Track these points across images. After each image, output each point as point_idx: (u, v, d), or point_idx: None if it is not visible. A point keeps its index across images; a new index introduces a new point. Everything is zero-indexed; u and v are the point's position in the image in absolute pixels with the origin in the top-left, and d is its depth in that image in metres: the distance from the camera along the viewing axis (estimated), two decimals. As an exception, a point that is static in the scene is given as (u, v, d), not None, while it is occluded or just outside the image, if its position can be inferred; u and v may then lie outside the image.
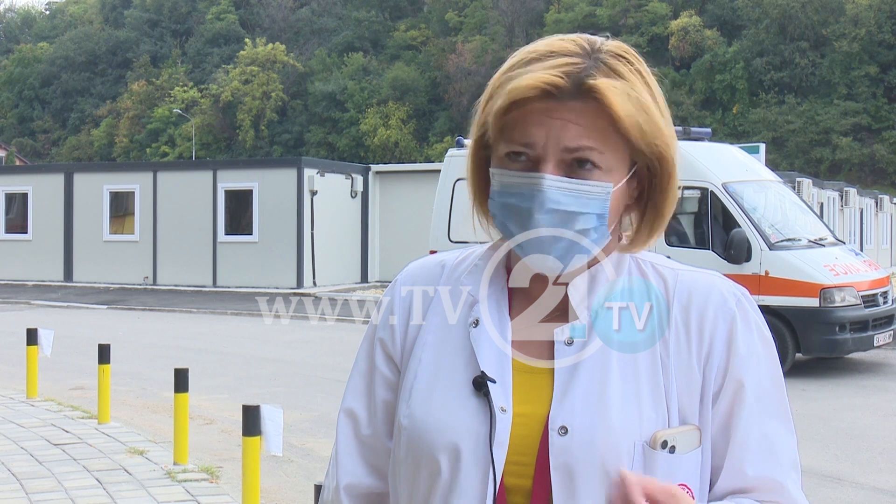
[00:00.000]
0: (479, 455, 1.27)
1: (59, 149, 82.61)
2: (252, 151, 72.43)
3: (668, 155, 1.30)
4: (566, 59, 1.26)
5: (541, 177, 1.25)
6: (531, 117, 1.25)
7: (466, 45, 69.60)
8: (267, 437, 5.14)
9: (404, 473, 1.34)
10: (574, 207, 1.26)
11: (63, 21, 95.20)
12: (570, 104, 1.24)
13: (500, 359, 1.31)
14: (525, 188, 1.26)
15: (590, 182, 1.26)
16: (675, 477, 1.25)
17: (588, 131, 1.24)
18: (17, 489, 6.18)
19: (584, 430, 1.24)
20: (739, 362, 1.30)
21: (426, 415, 1.31)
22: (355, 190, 25.34)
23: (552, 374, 1.29)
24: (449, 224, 12.59)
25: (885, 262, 31.58)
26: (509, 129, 1.28)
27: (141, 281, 24.86)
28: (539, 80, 1.24)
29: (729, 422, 1.29)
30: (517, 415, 1.28)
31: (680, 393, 1.28)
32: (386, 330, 1.43)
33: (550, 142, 1.25)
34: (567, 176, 1.25)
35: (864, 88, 60.39)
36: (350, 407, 1.45)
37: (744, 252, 10.81)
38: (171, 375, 7.07)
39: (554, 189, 1.25)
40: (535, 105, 1.25)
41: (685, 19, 65.48)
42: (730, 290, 1.34)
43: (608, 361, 1.28)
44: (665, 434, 1.25)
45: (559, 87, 1.24)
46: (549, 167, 1.25)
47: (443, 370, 1.33)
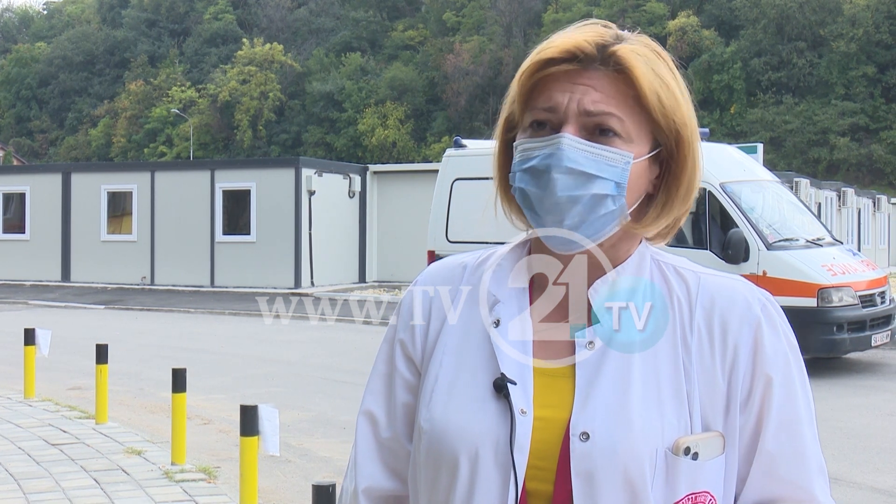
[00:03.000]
0: (499, 459, 1.25)
1: (57, 149, 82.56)
2: (250, 151, 72.40)
3: (686, 136, 1.30)
4: (593, 29, 1.29)
5: (560, 136, 1.26)
6: (555, 84, 1.28)
7: (464, 46, 69.54)
8: (264, 437, 5.14)
9: (424, 477, 1.33)
10: (592, 170, 1.25)
11: (61, 21, 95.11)
12: (594, 72, 1.27)
13: (520, 360, 1.30)
14: (545, 149, 1.27)
15: (610, 148, 1.26)
16: (697, 484, 1.24)
17: (610, 99, 1.26)
18: (14, 489, 6.18)
19: (606, 437, 1.22)
20: (768, 366, 1.29)
21: (446, 418, 1.29)
22: (353, 190, 25.34)
23: (572, 377, 1.28)
24: (447, 224, 12.59)
25: (882, 262, 31.61)
26: (534, 97, 1.30)
27: (139, 281, 24.85)
28: (566, 42, 1.27)
29: (758, 427, 1.28)
30: (538, 418, 1.26)
31: (703, 399, 1.27)
32: (406, 332, 1.41)
33: (572, 104, 1.26)
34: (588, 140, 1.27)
35: (862, 89, 60.43)
36: (369, 409, 1.43)
37: (741, 252, 10.81)
38: (168, 375, 7.07)
39: (572, 148, 1.25)
40: (559, 71, 1.27)
41: (683, 19, 65.52)
42: (754, 296, 1.33)
43: (630, 366, 1.27)
44: (688, 440, 1.23)
45: (585, 51, 1.26)
46: (570, 129, 1.26)
47: (463, 372, 1.32)
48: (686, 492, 1.24)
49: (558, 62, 1.27)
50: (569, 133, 1.25)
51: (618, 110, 1.26)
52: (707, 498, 1.25)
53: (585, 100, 1.26)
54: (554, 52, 1.27)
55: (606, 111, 1.26)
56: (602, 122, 1.26)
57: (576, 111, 1.26)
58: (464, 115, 66.22)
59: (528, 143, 1.29)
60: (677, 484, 1.23)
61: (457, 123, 65.33)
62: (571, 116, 1.26)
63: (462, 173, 12.27)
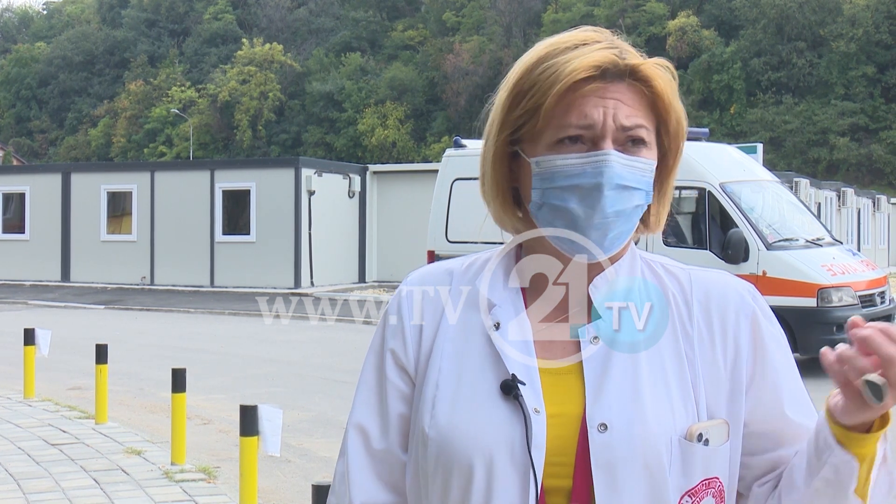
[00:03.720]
0: (516, 459, 1.25)
1: (57, 149, 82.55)
2: (249, 151, 72.39)
3: (681, 134, 1.35)
4: (605, 45, 1.30)
5: (607, 153, 1.27)
6: (586, 100, 1.28)
7: (464, 46, 69.55)
8: (264, 437, 5.14)
9: (433, 486, 1.31)
10: (633, 183, 1.29)
11: (60, 21, 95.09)
12: (619, 85, 1.29)
13: (525, 361, 1.30)
14: (591, 166, 1.27)
15: (642, 159, 1.30)
16: (710, 469, 1.27)
17: (637, 111, 1.29)
18: (14, 489, 6.18)
19: (624, 427, 1.24)
20: (768, 350, 1.34)
21: (453, 424, 1.29)
22: (353, 190, 25.34)
23: (579, 374, 1.29)
24: (447, 224, 12.60)
25: (882, 262, 31.62)
26: (560, 115, 1.28)
27: (138, 281, 24.85)
28: (598, 58, 1.27)
29: (776, 394, 1.34)
30: (551, 415, 1.27)
31: (707, 388, 1.30)
32: (396, 340, 1.39)
33: (608, 120, 1.27)
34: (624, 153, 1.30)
35: (862, 89, 60.43)
36: (359, 422, 1.39)
37: (741, 252, 10.81)
38: (168, 375, 7.07)
39: (619, 164, 1.27)
40: (587, 88, 1.28)
41: (683, 19, 65.51)
42: (744, 288, 1.38)
43: (637, 359, 1.29)
44: (699, 427, 1.27)
45: (617, 65, 1.28)
46: (609, 144, 1.27)
47: (466, 377, 1.31)
48: (701, 477, 1.27)
49: (589, 80, 1.27)
50: (612, 149, 1.27)
51: (645, 120, 1.30)
52: (717, 484, 1.29)
53: (620, 115, 1.28)
54: (587, 70, 1.27)
55: (639, 124, 1.29)
56: (636, 134, 1.29)
57: (613, 127, 1.27)
58: (464, 115, 66.17)
59: (569, 160, 1.28)
60: (693, 470, 1.26)
61: (457, 123, 65.31)
62: (609, 132, 1.27)
63: (462, 173, 12.27)
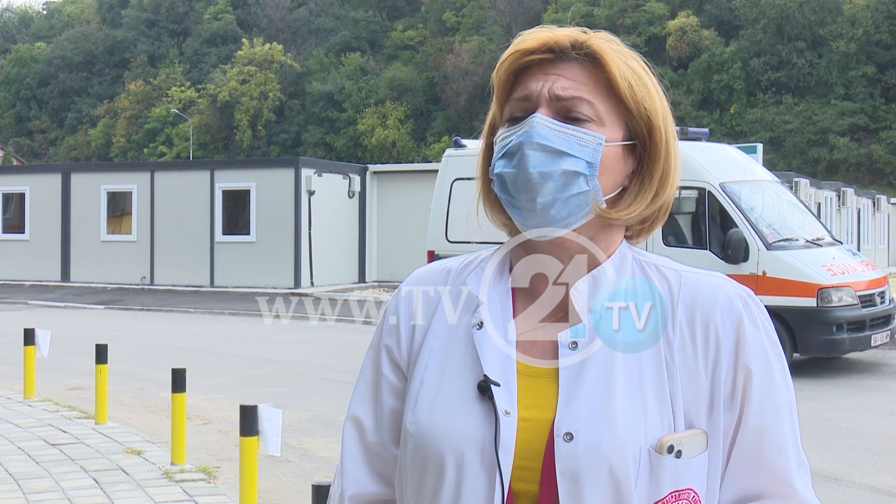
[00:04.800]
0: (485, 460, 1.26)
1: (57, 149, 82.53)
2: (249, 151, 72.38)
3: (657, 124, 1.33)
4: (568, 29, 1.36)
5: (532, 116, 1.31)
6: (531, 77, 1.33)
7: (464, 46, 69.56)
8: (264, 437, 5.14)
9: (410, 479, 1.33)
10: (563, 147, 1.29)
11: (60, 21, 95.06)
12: (568, 62, 1.33)
13: (504, 361, 1.30)
14: (518, 131, 1.31)
15: (581, 129, 1.30)
16: (681, 482, 1.24)
17: (581, 85, 1.32)
18: (14, 489, 6.18)
19: (590, 437, 1.23)
20: (748, 359, 1.29)
21: (432, 421, 1.30)
22: (353, 190, 25.34)
23: (556, 378, 1.28)
24: (447, 224, 12.60)
25: (882, 262, 31.62)
26: (511, 90, 1.36)
27: (138, 281, 24.84)
28: (543, 36, 1.34)
29: (739, 421, 1.28)
30: (522, 419, 1.27)
31: (686, 397, 1.27)
32: (391, 337, 1.42)
33: (544, 90, 1.31)
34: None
35: (862, 89, 60.41)
36: (356, 415, 1.44)
37: (741, 252, 10.81)
38: (168, 375, 7.06)
39: (543, 126, 1.30)
40: (535, 64, 1.33)
41: (682, 19, 65.48)
42: (736, 292, 1.33)
43: (613, 365, 1.27)
44: (671, 439, 1.24)
45: (561, 44, 1.33)
46: (542, 111, 1.31)
47: (448, 375, 1.33)
48: (670, 489, 1.24)
49: (536, 52, 1.33)
50: (539, 113, 1.30)
51: (588, 95, 1.31)
52: (691, 495, 1.26)
53: (556, 86, 1.31)
54: (532, 43, 1.33)
55: (576, 96, 1.30)
56: (571, 106, 1.30)
57: (546, 96, 1.31)
58: (463, 115, 66.19)
59: (504, 132, 1.33)
60: (661, 482, 1.24)
61: (456, 123, 65.33)
62: (543, 101, 1.31)
63: (462, 173, 12.27)
